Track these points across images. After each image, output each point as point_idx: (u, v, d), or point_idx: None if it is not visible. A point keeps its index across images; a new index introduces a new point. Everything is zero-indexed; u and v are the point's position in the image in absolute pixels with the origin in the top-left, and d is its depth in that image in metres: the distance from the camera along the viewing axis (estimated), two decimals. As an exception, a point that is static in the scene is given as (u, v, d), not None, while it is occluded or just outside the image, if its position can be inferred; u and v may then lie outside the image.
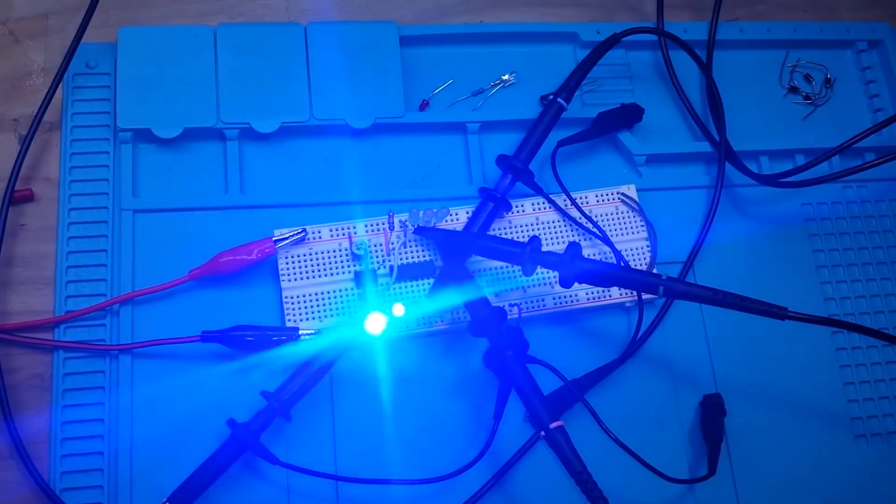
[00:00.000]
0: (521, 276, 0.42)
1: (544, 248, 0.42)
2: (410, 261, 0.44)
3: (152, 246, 0.43)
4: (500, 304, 0.42)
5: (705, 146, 0.50)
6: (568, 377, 0.40)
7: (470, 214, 0.44)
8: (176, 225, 0.44)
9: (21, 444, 0.39)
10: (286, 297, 0.42)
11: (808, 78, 0.54)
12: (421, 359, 0.44)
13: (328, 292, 0.42)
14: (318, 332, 0.41)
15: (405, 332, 0.43)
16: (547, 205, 0.46)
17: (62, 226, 0.43)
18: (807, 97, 0.53)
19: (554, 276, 0.43)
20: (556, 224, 0.46)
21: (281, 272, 0.42)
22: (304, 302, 0.42)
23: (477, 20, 0.51)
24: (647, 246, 0.46)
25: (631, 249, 0.46)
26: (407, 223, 0.44)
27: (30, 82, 0.46)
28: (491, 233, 0.44)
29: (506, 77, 0.50)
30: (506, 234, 0.45)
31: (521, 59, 0.50)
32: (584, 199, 0.46)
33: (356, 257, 0.43)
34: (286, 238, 0.42)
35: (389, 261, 0.43)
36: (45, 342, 0.41)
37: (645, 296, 0.44)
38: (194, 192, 0.45)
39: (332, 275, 0.43)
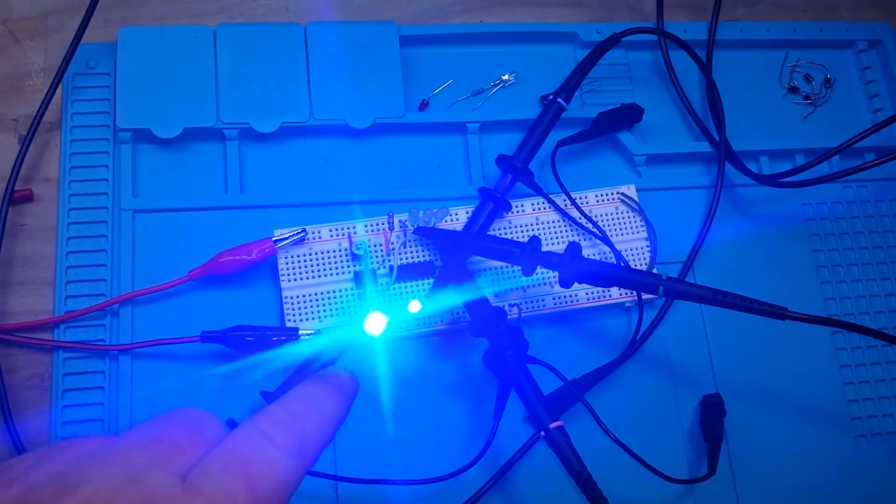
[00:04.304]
0: (521, 276, 0.42)
1: (544, 248, 0.42)
2: (410, 261, 0.44)
3: (152, 246, 0.43)
4: (500, 304, 0.42)
5: (705, 146, 0.50)
6: (568, 377, 0.40)
7: (470, 214, 0.44)
8: (176, 225, 0.44)
9: (21, 444, 0.39)
10: (286, 297, 0.42)
11: (807, 78, 0.54)
12: (421, 359, 0.44)
13: (328, 292, 0.42)
14: (317, 332, 0.41)
15: (405, 332, 0.43)
16: (547, 205, 0.46)
17: (62, 226, 0.43)
18: (807, 97, 0.53)
19: (554, 276, 0.43)
20: (556, 224, 0.45)
21: (281, 272, 0.42)
22: (304, 302, 0.42)
23: (477, 20, 0.51)
24: (647, 246, 0.46)
25: (631, 249, 0.46)
26: (407, 223, 0.44)
27: (30, 82, 0.46)
28: (491, 233, 0.44)
29: (506, 77, 0.50)
30: (506, 234, 0.45)
31: (521, 59, 0.50)
32: (583, 199, 0.46)
33: (356, 257, 0.43)
34: (286, 238, 0.42)
35: (389, 261, 0.43)
36: (45, 342, 0.41)
37: (645, 296, 0.44)
38: (194, 192, 0.45)
39: (331, 275, 0.43)
